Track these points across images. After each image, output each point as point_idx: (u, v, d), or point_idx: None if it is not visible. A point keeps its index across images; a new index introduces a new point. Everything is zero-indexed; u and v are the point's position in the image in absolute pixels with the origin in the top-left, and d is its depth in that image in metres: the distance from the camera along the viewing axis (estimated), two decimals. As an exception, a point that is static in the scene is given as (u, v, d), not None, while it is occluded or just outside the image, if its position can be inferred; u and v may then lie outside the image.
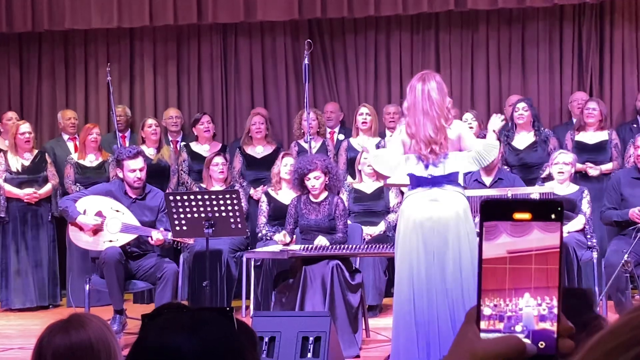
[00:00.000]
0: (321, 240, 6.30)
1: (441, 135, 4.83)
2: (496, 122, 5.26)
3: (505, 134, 7.91)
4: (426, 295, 4.85)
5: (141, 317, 1.54)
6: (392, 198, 7.55)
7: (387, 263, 7.12)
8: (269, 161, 7.87)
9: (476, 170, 6.27)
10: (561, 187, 7.07)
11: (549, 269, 0.98)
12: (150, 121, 8.42)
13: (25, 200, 7.96)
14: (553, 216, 0.99)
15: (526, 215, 0.99)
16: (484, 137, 5.30)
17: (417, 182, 4.96)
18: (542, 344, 0.97)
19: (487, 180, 7.29)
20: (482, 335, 0.98)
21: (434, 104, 4.81)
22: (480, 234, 1.00)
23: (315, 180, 6.41)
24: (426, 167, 4.87)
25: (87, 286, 6.56)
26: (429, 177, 4.89)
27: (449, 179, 4.93)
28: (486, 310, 0.99)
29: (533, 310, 0.98)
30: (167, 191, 7.50)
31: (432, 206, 4.88)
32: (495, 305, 0.98)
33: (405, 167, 4.96)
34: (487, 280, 0.99)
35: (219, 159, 7.71)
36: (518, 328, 0.98)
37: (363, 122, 8.21)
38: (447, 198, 4.90)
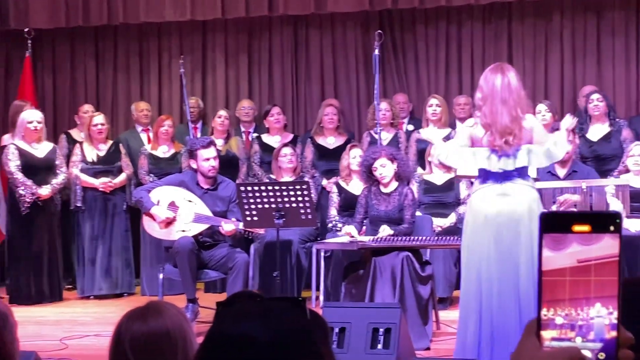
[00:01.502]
0: (385, 230, 6.28)
1: (517, 124, 4.77)
2: (569, 121, 5.21)
3: (580, 127, 7.78)
4: (496, 292, 4.78)
5: (216, 304, 1.56)
6: (463, 189, 7.49)
7: (458, 255, 7.07)
8: (340, 152, 7.86)
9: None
10: (637, 179, 6.95)
11: (615, 279, 0.99)
12: (221, 112, 8.53)
13: (100, 190, 8.13)
14: (612, 228, 0.99)
15: (585, 228, 1.00)
16: (558, 129, 5.24)
17: (486, 176, 4.89)
18: (601, 355, 0.98)
19: (561, 172, 7.19)
20: (554, 343, 0.99)
21: (513, 93, 4.77)
22: (539, 246, 1.01)
23: (382, 169, 6.38)
24: (499, 158, 4.81)
25: (161, 275, 6.67)
26: (500, 171, 4.83)
27: (520, 172, 4.86)
28: (558, 320, 0.99)
29: (604, 319, 0.98)
30: (237, 182, 7.57)
31: (503, 201, 4.80)
32: (567, 315, 0.99)
33: (473, 160, 4.90)
34: (558, 289, 1.00)
35: (287, 150, 7.76)
36: (587, 337, 0.98)
37: (433, 114, 8.16)
38: (518, 192, 4.82)
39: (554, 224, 1.01)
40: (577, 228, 1.00)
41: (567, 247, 1.00)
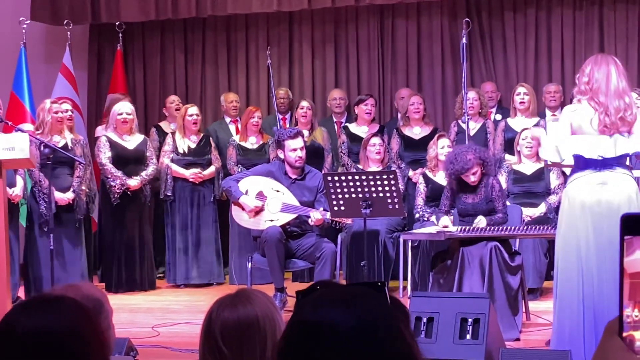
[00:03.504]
0: (481, 221, 6.21)
1: (631, 102, 4.71)
2: None
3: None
4: (597, 284, 4.67)
5: (295, 293, 1.57)
6: (553, 179, 7.37)
7: (548, 245, 6.97)
8: (426, 142, 7.81)
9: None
10: None
11: None
12: (303, 103, 8.54)
13: (190, 180, 8.27)
14: None
15: None
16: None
17: (585, 164, 4.77)
18: None
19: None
20: None
21: (625, 78, 4.75)
22: (620, 248, 0.98)
23: (473, 176, 6.29)
24: (611, 137, 4.70)
25: (249, 264, 6.75)
26: (600, 158, 4.71)
27: (619, 161, 4.75)
28: None
29: None
30: (323, 172, 7.60)
31: (601, 189, 4.70)
32: None
33: (572, 146, 4.79)
34: None
35: (375, 140, 7.74)
36: None
37: (521, 102, 8.04)
38: (617, 181, 4.71)
39: (635, 226, 0.98)
40: None
41: None
